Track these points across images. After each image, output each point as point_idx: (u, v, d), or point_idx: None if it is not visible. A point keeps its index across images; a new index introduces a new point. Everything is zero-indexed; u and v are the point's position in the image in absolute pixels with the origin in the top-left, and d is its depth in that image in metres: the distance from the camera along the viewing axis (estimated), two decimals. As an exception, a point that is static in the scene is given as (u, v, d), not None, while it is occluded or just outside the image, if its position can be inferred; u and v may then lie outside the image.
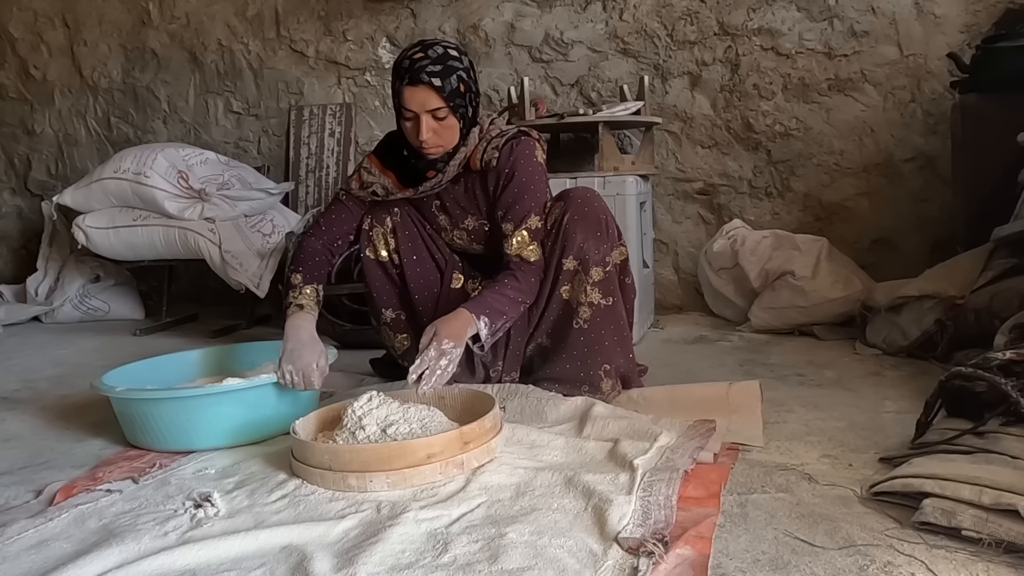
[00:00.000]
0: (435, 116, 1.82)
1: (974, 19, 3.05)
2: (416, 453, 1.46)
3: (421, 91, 1.80)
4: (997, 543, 1.14)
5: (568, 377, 2.01)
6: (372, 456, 1.47)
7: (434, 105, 1.81)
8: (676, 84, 3.45)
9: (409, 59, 1.81)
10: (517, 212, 1.95)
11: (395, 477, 1.45)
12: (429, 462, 1.46)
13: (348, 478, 1.46)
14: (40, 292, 3.88)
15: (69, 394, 2.40)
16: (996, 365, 1.49)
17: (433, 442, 1.48)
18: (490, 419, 1.57)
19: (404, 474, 1.45)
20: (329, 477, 1.48)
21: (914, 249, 3.16)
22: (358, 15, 3.87)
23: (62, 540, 1.33)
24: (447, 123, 1.85)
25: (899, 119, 3.19)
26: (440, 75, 1.79)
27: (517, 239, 1.95)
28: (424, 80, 1.78)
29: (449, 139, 1.88)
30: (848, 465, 1.54)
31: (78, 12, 4.34)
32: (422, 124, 1.82)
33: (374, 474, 1.45)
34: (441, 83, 1.79)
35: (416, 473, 1.45)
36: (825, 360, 2.48)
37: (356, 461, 1.47)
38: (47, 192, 4.39)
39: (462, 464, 1.49)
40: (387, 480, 1.45)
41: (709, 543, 1.21)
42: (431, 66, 1.79)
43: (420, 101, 1.80)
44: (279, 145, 4.09)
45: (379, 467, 1.45)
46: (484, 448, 1.53)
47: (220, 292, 3.54)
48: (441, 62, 1.80)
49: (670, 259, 3.56)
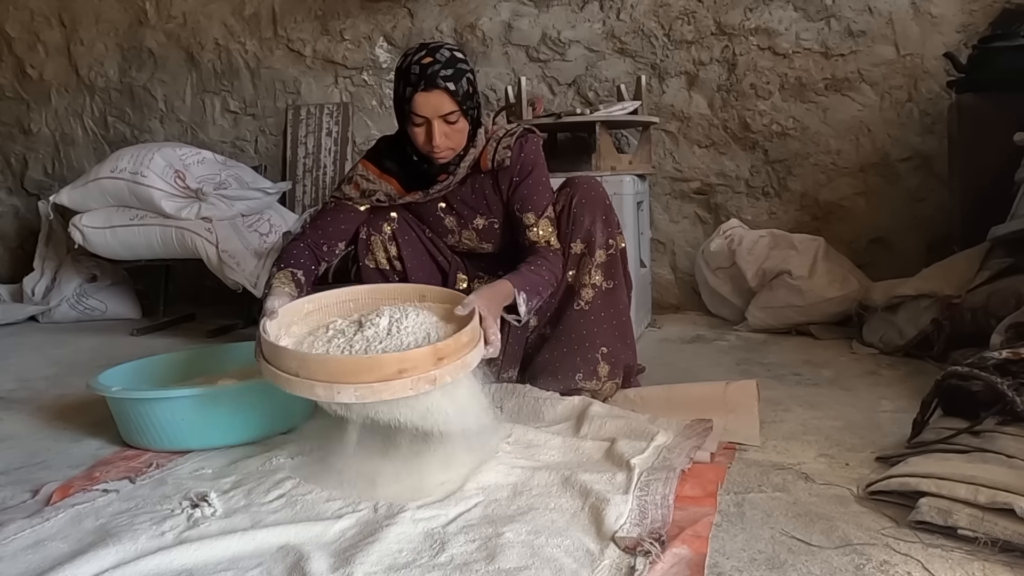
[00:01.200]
0: (447, 120, 1.80)
1: (970, 19, 3.06)
2: (387, 367, 1.38)
3: (436, 96, 1.77)
4: (993, 542, 1.14)
5: (565, 362, 2.01)
6: (340, 368, 1.40)
7: (448, 109, 1.79)
8: (673, 84, 3.45)
9: (419, 64, 1.78)
10: (537, 202, 1.98)
11: (364, 390, 1.38)
12: (400, 377, 1.38)
13: (315, 387, 1.40)
14: (37, 292, 3.87)
15: (66, 394, 2.40)
16: (992, 364, 1.50)
17: (405, 357, 1.40)
18: (467, 333, 1.49)
19: (373, 388, 1.38)
20: (295, 384, 1.42)
21: (911, 248, 3.17)
22: (355, 15, 3.87)
23: (59, 540, 1.33)
24: (458, 126, 1.84)
25: (896, 119, 3.19)
26: (453, 79, 1.78)
27: (542, 227, 1.98)
28: (440, 85, 1.76)
29: (459, 142, 1.88)
30: (845, 464, 1.54)
31: (75, 11, 4.34)
32: (435, 129, 1.80)
33: (342, 385, 1.39)
34: (455, 87, 1.78)
35: (386, 388, 1.38)
36: (822, 359, 2.48)
37: (323, 371, 1.40)
38: (44, 192, 4.38)
39: (434, 380, 1.41)
40: (355, 393, 1.38)
41: (706, 542, 1.21)
42: (443, 70, 1.77)
43: (434, 106, 1.78)
44: (276, 145, 4.08)
45: (348, 379, 1.39)
46: (459, 363, 1.45)
47: (217, 292, 3.54)
48: (451, 65, 1.78)
49: (667, 258, 3.56)
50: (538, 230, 1.97)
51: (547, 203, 2.00)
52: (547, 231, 1.98)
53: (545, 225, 1.98)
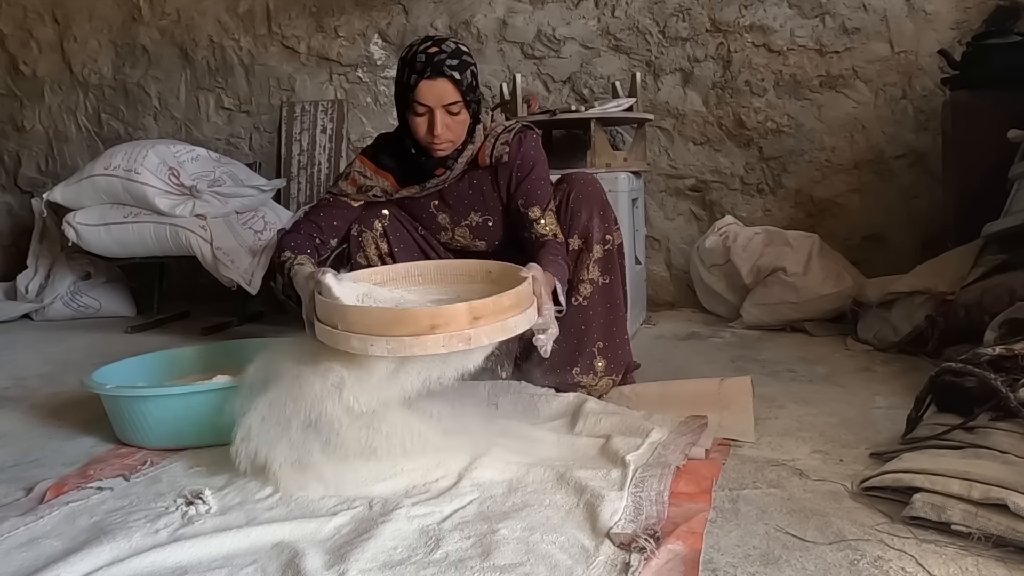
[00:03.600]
0: (449, 111, 1.82)
1: (964, 16, 3.06)
2: (420, 321, 1.37)
3: (440, 84, 1.79)
4: (986, 537, 1.15)
5: (561, 357, 2.01)
6: (374, 319, 1.40)
7: (451, 99, 1.80)
8: (668, 81, 3.45)
9: (424, 53, 1.79)
10: (541, 197, 1.99)
11: (395, 344, 1.37)
12: (432, 333, 1.37)
13: (351, 339, 1.40)
14: (30, 289, 3.85)
15: (60, 391, 2.39)
16: (986, 361, 1.51)
17: (439, 312, 1.39)
18: (510, 297, 1.46)
19: (405, 342, 1.37)
20: (335, 336, 1.42)
21: (905, 245, 3.17)
22: (350, 11, 3.86)
23: (53, 538, 1.33)
24: (459, 118, 1.85)
25: (890, 116, 3.19)
26: (458, 69, 1.79)
27: (549, 220, 1.98)
28: (445, 73, 1.78)
29: (459, 134, 1.89)
30: (839, 460, 1.55)
31: (68, 8, 4.32)
32: (437, 119, 1.81)
33: (375, 338, 1.38)
34: (460, 76, 1.79)
35: (417, 342, 1.37)
36: (816, 356, 2.49)
37: (360, 323, 1.40)
38: (37, 189, 4.35)
39: (469, 339, 1.39)
40: (387, 346, 1.37)
41: (700, 538, 1.21)
42: (449, 59, 1.78)
43: (438, 94, 1.79)
44: (271, 142, 4.07)
45: (381, 331, 1.38)
46: (498, 326, 1.43)
47: (212, 289, 3.53)
48: (457, 56, 1.80)
49: (662, 255, 3.56)
50: (545, 223, 1.98)
51: (550, 197, 2.01)
52: (553, 224, 1.99)
53: (551, 218, 1.99)
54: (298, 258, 1.83)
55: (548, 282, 1.70)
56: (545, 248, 1.93)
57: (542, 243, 1.96)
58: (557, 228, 2.00)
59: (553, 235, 1.98)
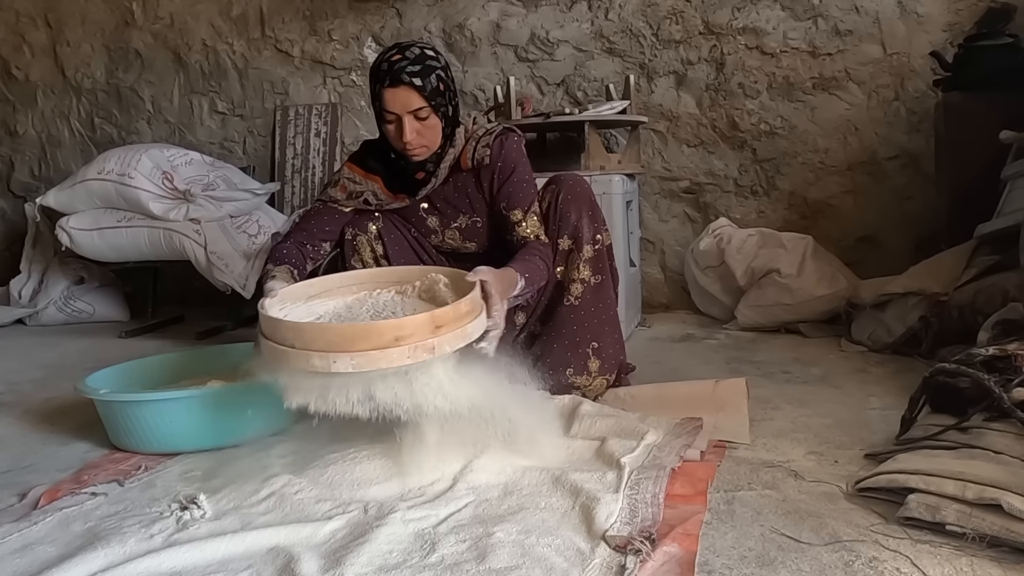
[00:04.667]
0: (417, 116, 1.82)
1: (956, 18, 3.07)
2: (383, 335, 1.36)
3: (403, 92, 1.80)
4: (981, 537, 1.15)
5: (556, 357, 2.02)
6: (336, 336, 1.38)
7: (416, 105, 1.81)
8: (662, 83, 3.46)
9: (387, 62, 1.81)
10: (522, 199, 1.99)
11: (360, 359, 1.36)
12: (397, 345, 1.36)
13: (312, 357, 1.38)
14: (24, 294, 3.84)
15: (53, 397, 2.38)
16: (979, 361, 1.51)
17: (402, 324, 1.38)
18: (466, 303, 1.47)
19: (370, 356, 1.36)
20: (292, 356, 1.40)
21: (898, 246, 3.18)
22: (343, 15, 3.86)
23: (47, 544, 1.33)
24: (429, 123, 1.85)
25: (883, 117, 3.20)
26: (420, 75, 1.80)
27: (531, 222, 1.98)
28: (405, 80, 1.78)
29: (432, 139, 1.89)
30: (834, 461, 1.55)
31: (61, 12, 4.31)
32: (405, 125, 1.82)
33: (338, 355, 1.36)
34: (422, 82, 1.80)
35: (383, 356, 1.36)
36: (811, 357, 2.49)
37: (320, 340, 1.38)
38: (30, 194, 4.35)
39: (433, 348, 1.39)
40: (352, 362, 1.36)
41: (696, 540, 1.22)
42: (410, 66, 1.79)
43: (402, 102, 1.80)
44: (264, 145, 4.07)
45: (344, 348, 1.36)
46: (459, 332, 1.43)
47: (206, 293, 3.52)
48: (419, 62, 1.81)
49: (657, 258, 3.57)
50: (526, 226, 1.98)
51: (532, 199, 2.01)
52: (535, 226, 1.99)
53: (532, 220, 1.99)
54: (274, 270, 1.81)
55: (504, 280, 1.68)
56: (523, 248, 1.93)
57: (522, 244, 1.96)
58: (540, 230, 2.00)
59: (535, 236, 1.98)
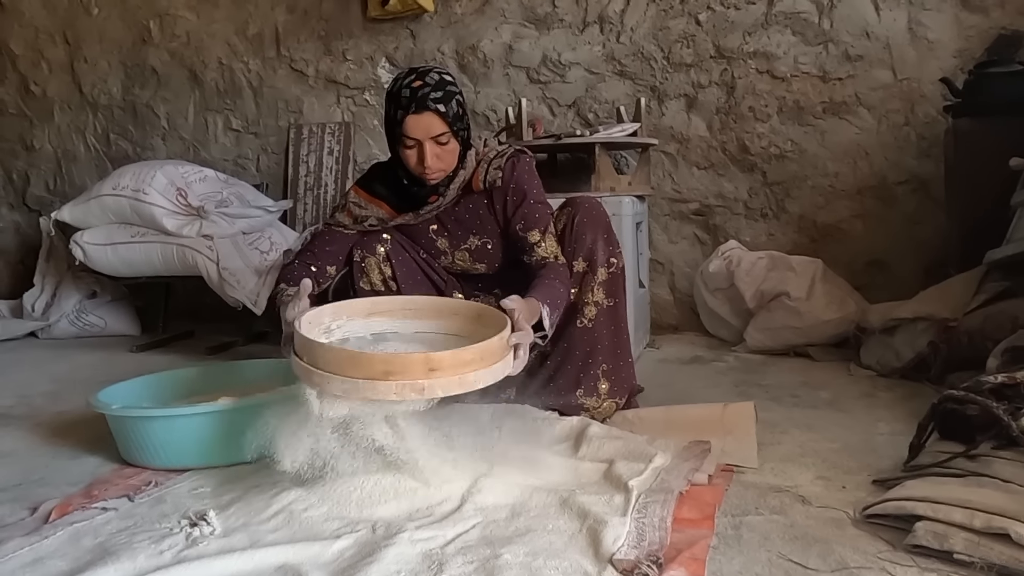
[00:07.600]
0: (438, 141, 1.84)
1: (967, 44, 3.09)
2: (374, 366, 1.36)
3: (427, 118, 1.81)
4: (989, 566, 1.15)
5: (566, 378, 2.03)
6: (331, 358, 1.40)
7: (439, 131, 1.83)
8: (672, 106, 3.48)
9: (409, 88, 1.82)
10: (539, 220, 2.00)
11: (349, 386, 1.37)
12: (386, 379, 1.36)
13: (312, 374, 1.41)
14: (37, 308, 3.88)
15: (65, 411, 2.40)
16: (988, 388, 1.51)
17: (392, 359, 1.38)
18: (472, 351, 1.44)
19: (358, 385, 1.36)
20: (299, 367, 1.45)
21: (908, 271, 3.18)
22: (358, 35, 3.91)
23: (57, 558, 1.34)
24: (448, 147, 1.87)
25: (893, 142, 3.21)
26: (443, 100, 1.82)
27: (549, 242, 1.99)
28: (430, 107, 1.80)
29: (450, 162, 1.91)
30: (842, 487, 1.55)
31: (79, 29, 4.37)
32: (426, 151, 1.84)
33: (333, 377, 1.38)
34: (445, 108, 1.82)
35: (371, 387, 1.36)
36: (819, 381, 2.49)
37: (321, 359, 1.41)
38: (45, 208, 4.40)
39: (423, 390, 1.38)
40: (342, 386, 1.37)
41: (703, 565, 1.22)
42: (433, 92, 1.81)
43: (425, 128, 1.82)
44: (278, 163, 4.10)
45: (336, 370, 1.38)
46: (455, 380, 1.41)
47: (217, 309, 3.54)
48: (440, 88, 1.82)
49: (666, 279, 3.57)
50: (546, 246, 1.99)
51: (548, 220, 2.02)
52: (554, 247, 2.00)
53: (550, 241, 2.00)
54: (289, 289, 1.83)
55: (530, 310, 1.69)
56: (545, 269, 1.94)
57: (542, 264, 1.97)
58: (558, 250, 2.01)
59: (554, 257, 2.00)
